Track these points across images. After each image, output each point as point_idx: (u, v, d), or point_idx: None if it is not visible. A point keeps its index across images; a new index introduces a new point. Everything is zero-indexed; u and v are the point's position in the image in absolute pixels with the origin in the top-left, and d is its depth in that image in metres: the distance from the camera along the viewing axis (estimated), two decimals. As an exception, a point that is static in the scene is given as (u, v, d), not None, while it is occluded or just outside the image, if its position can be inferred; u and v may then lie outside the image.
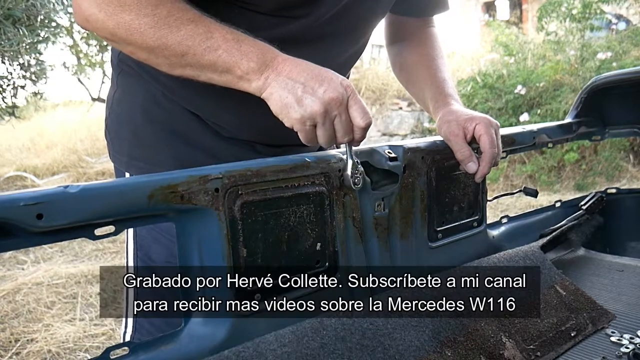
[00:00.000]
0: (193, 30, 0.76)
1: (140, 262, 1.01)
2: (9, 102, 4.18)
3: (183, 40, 0.76)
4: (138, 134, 0.99)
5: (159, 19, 0.76)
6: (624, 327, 1.02)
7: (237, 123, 0.98)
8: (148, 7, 0.76)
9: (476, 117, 0.98)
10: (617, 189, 1.55)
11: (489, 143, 0.96)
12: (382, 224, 0.94)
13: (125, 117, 1.01)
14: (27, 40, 3.47)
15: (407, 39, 1.18)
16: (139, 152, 0.99)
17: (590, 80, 1.45)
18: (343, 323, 0.81)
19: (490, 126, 0.97)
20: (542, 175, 5.21)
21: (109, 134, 1.05)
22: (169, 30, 0.76)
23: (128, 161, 1.01)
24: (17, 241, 0.61)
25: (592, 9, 5.88)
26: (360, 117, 0.80)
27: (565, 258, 1.36)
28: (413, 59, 1.15)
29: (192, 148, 0.97)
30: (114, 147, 1.04)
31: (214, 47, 0.76)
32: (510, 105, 5.70)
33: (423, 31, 1.17)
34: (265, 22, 0.89)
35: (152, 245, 0.99)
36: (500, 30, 6.90)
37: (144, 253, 1.00)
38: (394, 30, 1.21)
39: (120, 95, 1.02)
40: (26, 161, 7.92)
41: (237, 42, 0.77)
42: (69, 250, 3.96)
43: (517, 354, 0.90)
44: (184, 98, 0.96)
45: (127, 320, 1.02)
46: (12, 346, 2.46)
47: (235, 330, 0.75)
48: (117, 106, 1.03)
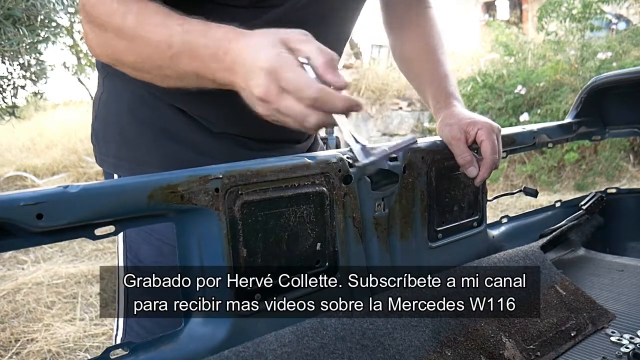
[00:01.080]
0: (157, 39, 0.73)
1: (129, 263, 0.99)
2: (9, 102, 4.18)
3: (151, 54, 0.74)
4: (125, 135, 0.97)
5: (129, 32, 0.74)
6: (624, 327, 1.02)
7: (225, 117, 0.96)
8: (117, 18, 0.75)
9: (478, 122, 0.97)
10: (617, 188, 1.55)
11: (490, 149, 0.96)
12: (382, 224, 0.94)
13: (111, 118, 0.99)
14: (27, 40, 3.47)
15: (404, 25, 1.15)
16: (127, 153, 0.97)
17: (590, 80, 1.45)
18: (343, 323, 0.81)
19: (492, 132, 0.97)
20: (542, 175, 5.22)
21: (96, 137, 1.03)
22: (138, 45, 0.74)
23: (116, 163, 0.99)
24: (17, 241, 0.61)
25: (592, 9, 5.89)
26: (318, 59, 0.66)
27: (565, 258, 1.36)
28: (412, 50, 1.13)
29: (181, 146, 0.95)
30: (101, 150, 1.02)
31: (177, 54, 0.72)
32: (510, 105, 5.70)
33: (419, 14, 1.14)
34: (242, 15, 0.88)
35: (141, 245, 0.98)
36: (500, 30, 6.91)
37: (133, 254, 0.99)
38: (389, 13, 1.18)
39: (106, 97, 1.01)
40: (26, 161, 7.93)
41: (194, 44, 0.72)
42: (69, 250, 3.96)
43: (517, 354, 0.90)
44: (170, 94, 0.94)
45: (118, 323, 1.01)
46: (12, 346, 2.46)
47: (235, 330, 0.75)
48: (104, 108, 1.01)
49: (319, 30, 0.96)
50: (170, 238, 0.95)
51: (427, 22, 1.14)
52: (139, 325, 0.98)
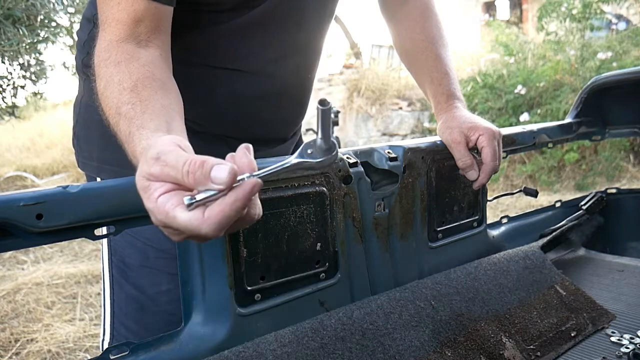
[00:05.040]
0: (110, 105, 0.72)
1: (114, 267, 0.98)
2: (9, 102, 4.18)
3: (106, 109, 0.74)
4: (107, 137, 0.94)
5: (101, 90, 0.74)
6: (624, 327, 1.02)
7: (206, 116, 0.95)
8: (110, 67, 0.73)
9: (479, 127, 0.97)
10: (617, 189, 1.55)
11: (491, 156, 0.95)
12: (382, 224, 0.94)
13: (93, 121, 0.97)
14: (27, 40, 3.47)
15: (404, 15, 1.13)
16: (110, 155, 0.96)
17: (590, 80, 1.45)
18: (343, 323, 0.81)
19: (493, 138, 0.96)
20: (542, 175, 5.22)
21: (78, 141, 1.02)
22: (104, 99, 0.74)
23: (99, 166, 0.98)
24: (17, 241, 0.61)
25: (592, 9, 5.89)
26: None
27: (565, 258, 1.36)
28: (413, 43, 1.10)
29: None
30: (83, 153, 1.01)
31: (122, 139, 0.70)
32: (510, 105, 5.70)
33: (417, 5, 1.12)
34: (226, 16, 0.88)
35: (125, 249, 0.97)
36: (500, 30, 6.91)
37: (118, 258, 0.98)
38: (386, 3, 1.16)
39: (87, 100, 0.99)
40: (26, 161, 7.93)
41: (130, 145, 0.67)
42: (69, 250, 3.96)
43: (517, 354, 0.90)
44: None
45: (105, 327, 1.00)
46: (12, 346, 2.46)
47: (235, 330, 0.75)
48: (85, 111, 1.00)
49: (300, 26, 0.96)
50: (155, 241, 0.94)
51: (424, 10, 1.12)
52: (126, 329, 0.97)
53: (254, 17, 0.89)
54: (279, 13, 0.91)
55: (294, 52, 0.97)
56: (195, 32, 0.90)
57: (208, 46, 0.91)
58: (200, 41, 0.90)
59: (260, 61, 0.93)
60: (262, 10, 0.89)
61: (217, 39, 0.90)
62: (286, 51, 0.95)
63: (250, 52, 0.92)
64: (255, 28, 0.90)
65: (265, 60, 0.93)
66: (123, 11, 0.75)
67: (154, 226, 0.59)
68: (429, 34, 1.10)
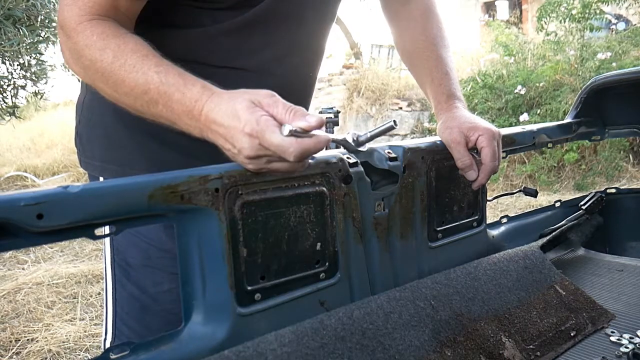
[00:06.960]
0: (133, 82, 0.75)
1: (117, 267, 0.98)
2: (10, 102, 4.18)
3: (128, 92, 0.76)
4: (110, 137, 0.97)
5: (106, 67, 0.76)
6: (624, 327, 1.02)
7: None
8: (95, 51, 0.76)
9: (479, 127, 0.97)
10: (616, 188, 1.55)
11: (490, 156, 0.96)
12: (382, 224, 0.94)
13: (96, 120, 0.98)
14: (28, 40, 3.47)
15: (405, 16, 1.13)
16: (112, 155, 0.97)
17: (590, 80, 1.45)
18: (343, 323, 0.81)
19: (493, 138, 0.96)
20: (542, 175, 5.21)
21: (80, 140, 1.02)
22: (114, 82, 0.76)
23: (101, 165, 0.98)
24: (17, 241, 0.61)
25: (592, 9, 5.88)
26: (289, 117, 0.69)
27: (565, 258, 1.36)
28: (414, 44, 1.11)
29: (166, 147, 0.94)
30: (86, 153, 1.01)
31: (153, 100, 0.75)
32: (510, 105, 5.70)
33: (418, 6, 1.13)
34: (226, 15, 0.88)
35: (128, 248, 0.97)
36: (500, 30, 6.91)
37: (120, 257, 0.98)
38: (387, 3, 1.16)
39: (90, 100, 1.00)
40: (26, 161, 7.93)
41: (169, 97, 0.74)
42: (69, 250, 3.96)
43: (517, 354, 0.90)
44: None
45: (107, 327, 1.00)
46: (13, 346, 2.46)
47: (235, 330, 0.75)
48: (87, 111, 1.00)
49: (301, 24, 0.96)
50: (158, 241, 0.95)
51: (424, 11, 1.12)
52: (128, 329, 0.97)
53: (255, 15, 0.89)
54: (279, 11, 0.91)
55: (295, 50, 0.97)
56: (196, 31, 0.90)
57: (209, 45, 0.91)
58: (201, 40, 0.91)
59: (262, 60, 0.93)
60: (262, 8, 0.89)
61: (218, 37, 0.90)
62: (287, 50, 0.96)
63: (251, 50, 0.92)
64: (255, 26, 0.90)
65: (266, 59, 0.94)
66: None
67: (156, 226, 0.61)
68: (430, 34, 1.10)
